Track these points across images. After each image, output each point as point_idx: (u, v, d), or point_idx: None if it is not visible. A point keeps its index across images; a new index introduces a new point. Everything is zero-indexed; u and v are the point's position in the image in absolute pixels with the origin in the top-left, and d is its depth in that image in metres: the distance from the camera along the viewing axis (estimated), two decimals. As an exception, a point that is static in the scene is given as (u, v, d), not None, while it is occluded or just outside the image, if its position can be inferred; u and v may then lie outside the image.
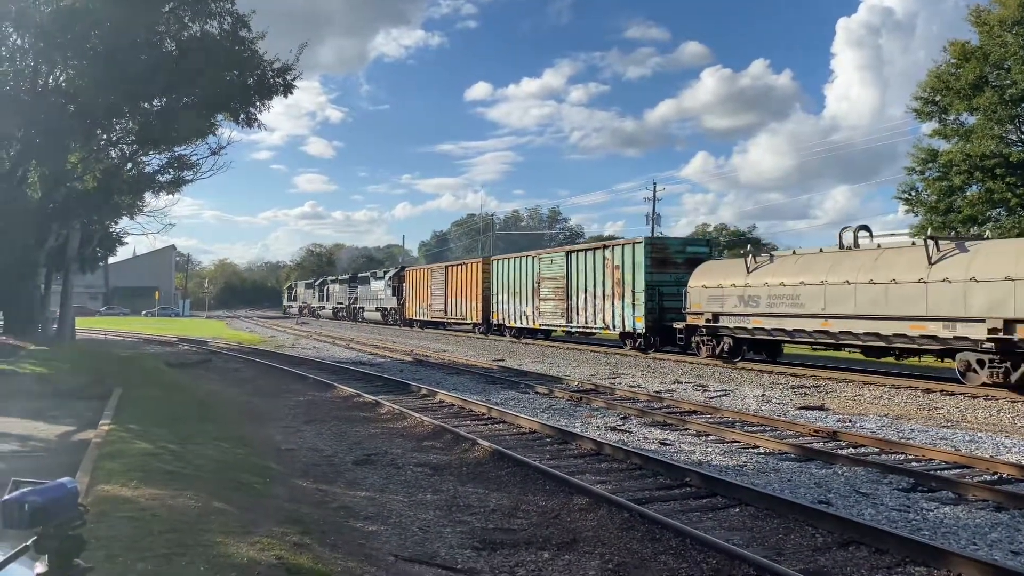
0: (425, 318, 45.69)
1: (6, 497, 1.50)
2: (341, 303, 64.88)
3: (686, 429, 11.59)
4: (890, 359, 18.53)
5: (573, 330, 30.81)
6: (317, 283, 75.66)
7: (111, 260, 57.59)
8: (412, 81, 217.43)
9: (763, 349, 21.66)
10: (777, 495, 7.33)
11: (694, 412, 13.17)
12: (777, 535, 6.46)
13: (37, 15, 15.16)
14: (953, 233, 21.35)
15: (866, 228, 19.16)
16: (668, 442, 10.59)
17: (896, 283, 16.59)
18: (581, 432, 10.93)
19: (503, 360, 23.77)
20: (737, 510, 7.19)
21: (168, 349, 30.46)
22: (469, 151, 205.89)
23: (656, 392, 15.70)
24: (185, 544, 4.95)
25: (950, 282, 15.47)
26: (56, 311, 29.35)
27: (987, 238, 17.74)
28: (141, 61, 16.03)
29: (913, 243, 17.67)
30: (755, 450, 10.05)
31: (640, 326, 25.76)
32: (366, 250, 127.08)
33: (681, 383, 17.67)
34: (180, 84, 17.55)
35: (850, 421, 12.40)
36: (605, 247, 28.60)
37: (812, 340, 19.71)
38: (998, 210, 29.63)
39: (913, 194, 31.50)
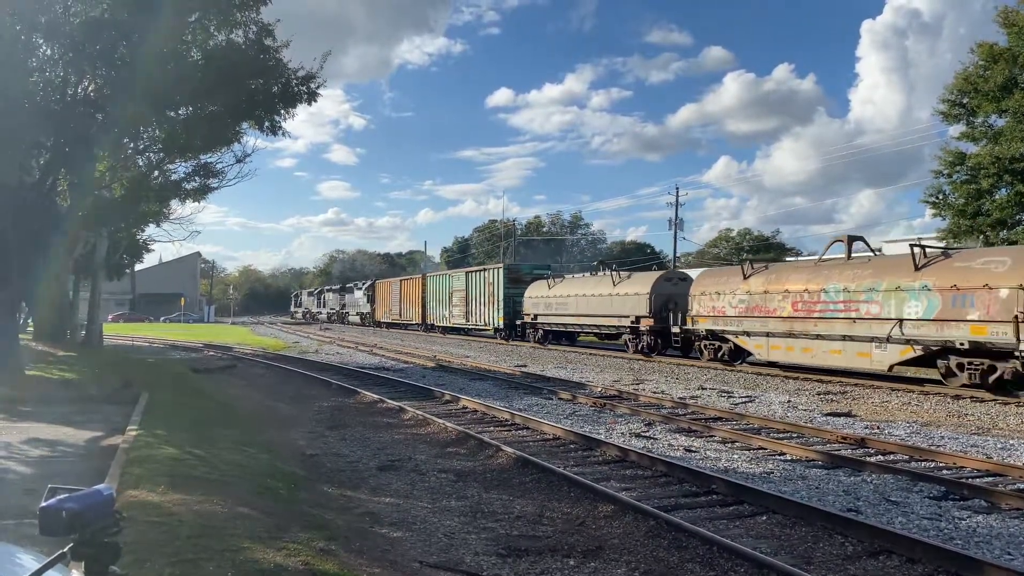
0: (388, 320, 56.92)
1: (44, 504, 1.50)
2: (334, 309, 75.09)
3: (711, 436, 11.50)
4: (610, 340, 31.11)
5: (470, 328, 42.69)
6: (316, 292, 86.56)
7: (137, 267, 58.22)
8: (435, 88, 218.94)
9: (567, 337, 34.09)
10: (805, 503, 7.24)
11: (719, 418, 13.07)
12: (806, 543, 6.38)
13: (67, 26, 15.37)
14: (983, 237, 21.97)
15: (605, 264, 32.25)
16: (693, 449, 10.51)
17: (601, 295, 28.99)
18: (605, 439, 10.88)
19: (525, 366, 23.76)
20: (764, 518, 7.12)
21: (194, 355, 30.75)
22: (491, 157, 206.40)
23: (680, 398, 15.61)
24: (212, 549, 4.97)
25: (620, 295, 27.83)
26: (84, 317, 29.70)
27: (652, 270, 32.80)
28: (167, 70, 16.17)
29: (609, 274, 30.17)
30: (782, 457, 9.95)
31: (502, 324, 37.69)
32: (388, 256, 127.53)
33: (705, 389, 17.54)
34: (205, 93, 17.70)
35: (878, 428, 12.24)
36: (484, 270, 40.96)
37: (576, 331, 32.49)
38: (1028, 213, 29.13)
39: (940, 197, 31.09)
